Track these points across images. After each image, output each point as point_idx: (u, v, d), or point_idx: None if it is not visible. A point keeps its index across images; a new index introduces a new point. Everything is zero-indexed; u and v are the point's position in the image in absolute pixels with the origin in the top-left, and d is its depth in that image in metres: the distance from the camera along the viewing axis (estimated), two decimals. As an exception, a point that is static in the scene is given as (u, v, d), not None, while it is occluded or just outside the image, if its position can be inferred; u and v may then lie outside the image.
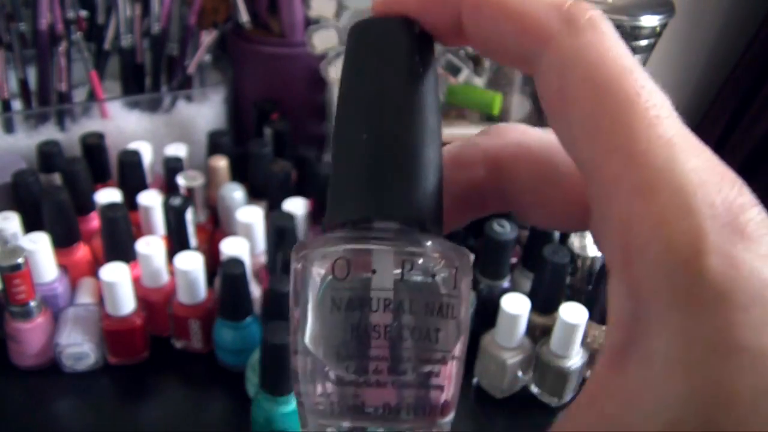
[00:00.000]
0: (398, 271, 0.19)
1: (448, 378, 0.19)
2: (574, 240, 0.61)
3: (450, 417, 0.20)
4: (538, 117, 0.74)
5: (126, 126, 0.69)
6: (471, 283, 0.20)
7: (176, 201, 0.58)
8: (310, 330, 0.19)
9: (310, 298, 0.19)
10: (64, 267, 0.58)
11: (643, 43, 0.61)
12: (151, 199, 0.61)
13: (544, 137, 0.19)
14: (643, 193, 0.15)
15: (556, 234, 0.61)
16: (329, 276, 0.19)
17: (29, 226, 0.57)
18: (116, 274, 0.53)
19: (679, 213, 0.14)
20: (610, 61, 0.16)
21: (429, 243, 0.19)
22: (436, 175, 0.20)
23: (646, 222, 0.15)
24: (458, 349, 0.20)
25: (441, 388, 0.19)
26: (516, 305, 0.53)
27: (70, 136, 0.66)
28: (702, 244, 0.14)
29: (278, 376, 0.48)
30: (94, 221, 0.63)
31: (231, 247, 0.56)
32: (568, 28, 0.16)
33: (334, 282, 0.19)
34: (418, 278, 0.19)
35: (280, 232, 0.56)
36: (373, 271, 0.19)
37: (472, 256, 0.20)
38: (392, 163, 0.19)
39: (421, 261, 0.19)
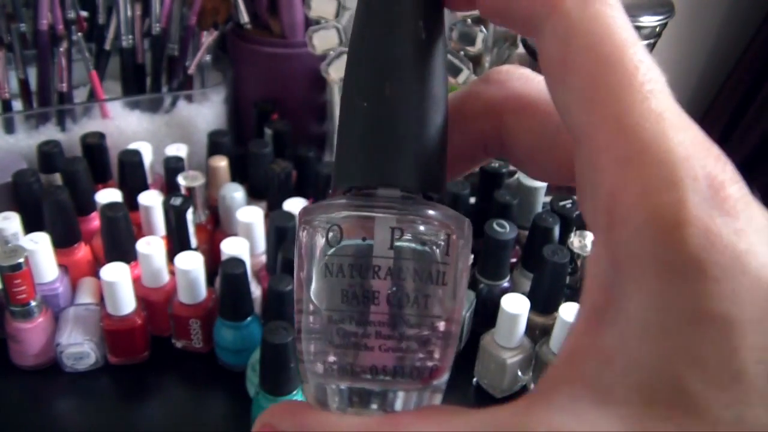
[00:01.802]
0: (398, 237, 0.19)
1: (439, 342, 0.20)
2: (574, 240, 0.61)
3: (443, 378, 0.21)
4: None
5: (126, 126, 0.69)
6: (469, 251, 0.21)
7: (177, 201, 0.58)
8: (314, 292, 0.20)
9: (314, 261, 0.20)
10: (64, 267, 0.58)
11: (643, 43, 0.61)
12: (151, 199, 0.61)
13: (545, 90, 0.19)
14: (631, 163, 0.15)
15: (556, 234, 0.61)
16: (331, 241, 0.19)
17: (30, 226, 0.57)
18: (117, 274, 0.53)
19: (663, 184, 0.15)
20: (614, 33, 0.16)
21: (429, 211, 0.20)
22: (440, 142, 0.20)
23: (631, 191, 0.15)
24: (450, 314, 0.20)
25: (431, 351, 0.20)
26: (516, 305, 0.53)
27: (70, 136, 0.66)
28: (682, 216, 0.15)
29: (278, 375, 0.48)
30: (95, 221, 0.63)
31: (231, 247, 0.56)
32: None
33: (335, 247, 0.19)
34: (416, 245, 0.19)
35: (280, 232, 0.56)
36: (374, 238, 0.19)
37: (469, 223, 0.21)
38: (393, 130, 0.19)
39: (421, 229, 0.19)
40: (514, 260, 0.64)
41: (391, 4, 0.20)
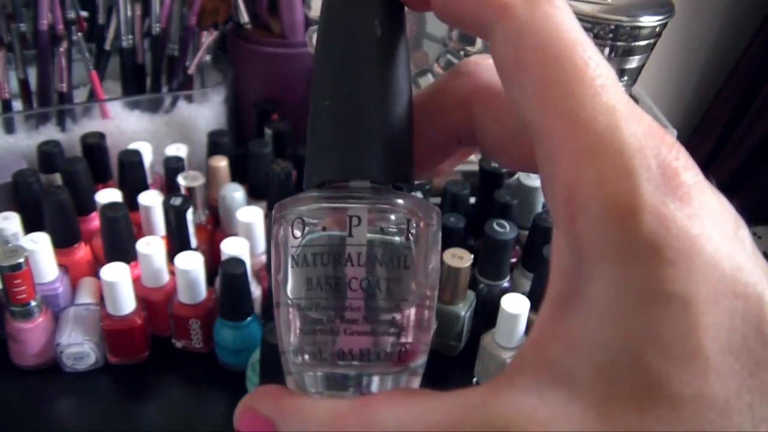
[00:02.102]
0: (361, 227, 0.20)
1: (409, 324, 0.21)
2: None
3: (419, 361, 0.21)
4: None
5: (126, 126, 0.69)
6: (439, 237, 0.21)
7: (177, 201, 0.58)
8: (290, 284, 0.21)
9: (288, 254, 0.21)
10: (64, 267, 0.58)
11: (643, 43, 0.62)
12: (151, 199, 0.61)
13: None
14: (586, 156, 0.16)
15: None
16: (297, 233, 0.20)
17: (30, 226, 0.57)
18: (117, 273, 0.53)
19: (617, 174, 0.16)
20: (563, 33, 0.17)
21: (399, 200, 0.20)
22: (405, 133, 0.21)
23: (588, 182, 0.16)
24: (420, 298, 0.21)
25: (400, 334, 0.21)
26: (516, 305, 0.53)
27: (70, 136, 0.66)
28: (637, 203, 0.15)
29: (278, 376, 0.48)
30: (95, 221, 0.63)
31: (231, 247, 0.56)
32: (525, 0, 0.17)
33: (303, 238, 0.20)
34: (386, 234, 0.20)
35: (280, 232, 0.56)
36: (343, 228, 0.20)
37: (438, 211, 0.21)
38: (357, 126, 0.20)
39: (390, 217, 0.20)
40: (514, 260, 0.64)
41: (348, 5, 0.20)
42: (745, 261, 0.16)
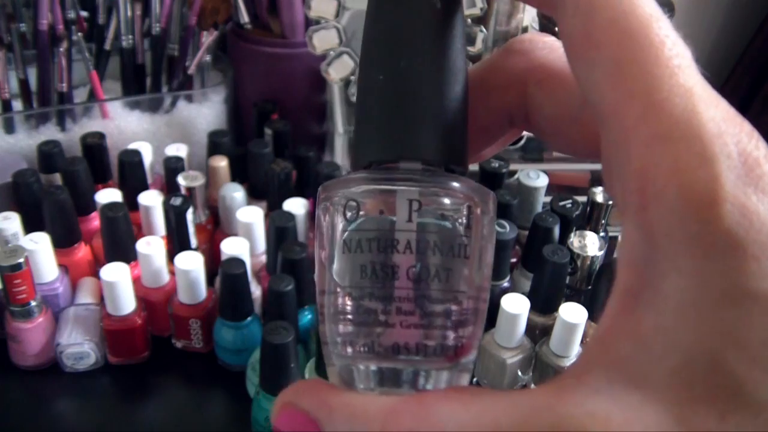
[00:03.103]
0: (418, 211, 0.19)
1: (465, 318, 0.19)
2: (574, 240, 0.61)
3: (471, 356, 0.20)
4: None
5: (126, 126, 0.69)
6: (493, 224, 0.20)
7: (176, 201, 0.58)
8: (335, 270, 0.19)
9: (334, 238, 0.19)
10: (64, 267, 0.58)
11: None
12: (151, 199, 0.61)
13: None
14: (662, 140, 0.15)
15: (556, 234, 0.61)
16: (349, 217, 0.19)
17: (30, 226, 0.57)
18: (117, 273, 0.53)
19: (696, 161, 0.15)
20: (638, 8, 0.16)
21: (452, 183, 0.19)
22: (460, 113, 0.20)
23: (664, 168, 0.15)
24: (475, 289, 0.20)
25: (456, 328, 0.19)
26: (516, 305, 0.53)
27: (70, 136, 0.66)
28: (717, 193, 0.14)
29: (278, 375, 0.48)
30: (95, 221, 0.63)
31: (231, 247, 0.56)
32: None
33: (354, 222, 0.19)
34: (438, 219, 0.19)
35: (280, 232, 0.56)
36: (395, 212, 0.19)
37: (494, 197, 0.20)
38: (411, 102, 0.19)
39: (443, 201, 0.19)
40: (514, 260, 0.64)
41: None
42: None
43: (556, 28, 0.18)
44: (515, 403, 0.16)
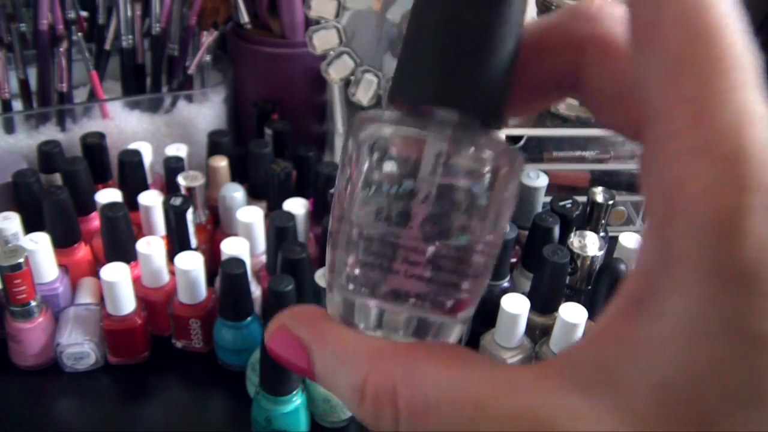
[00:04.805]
0: (445, 164, 0.18)
1: (470, 274, 0.19)
2: (574, 240, 0.61)
3: (469, 312, 0.20)
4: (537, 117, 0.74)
5: (126, 126, 0.69)
6: (517, 186, 0.20)
7: (176, 201, 0.58)
8: (358, 207, 0.19)
9: (358, 173, 0.19)
10: (64, 267, 0.58)
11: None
12: (151, 199, 0.61)
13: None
14: (701, 155, 0.14)
15: (556, 234, 0.61)
16: (379, 155, 0.19)
17: (30, 226, 0.57)
18: (117, 273, 0.53)
19: (730, 185, 0.14)
20: (712, 9, 0.15)
21: (483, 140, 0.19)
22: (508, 70, 0.19)
23: (697, 185, 0.14)
24: (487, 246, 0.19)
25: (460, 283, 0.19)
26: (516, 305, 0.53)
27: (70, 136, 0.66)
28: (744, 224, 0.14)
29: (278, 376, 0.48)
30: (95, 221, 0.63)
31: (231, 247, 0.56)
32: None
33: (379, 162, 0.19)
34: (463, 175, 0.19)
35: (280, 232, 0.56)
36: (422, 160, 0.18)
37: (522, 160, 0.20)
38: (461, 48, 0.18)
39: (470, 158, 0.19)
40: (514, 260, 0.64)
41: None
42: None
43: (553, 6, 0.17)
44: (497, 378, 0.16)
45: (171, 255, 0.57)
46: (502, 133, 0.20)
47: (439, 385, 0.17)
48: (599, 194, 0.64)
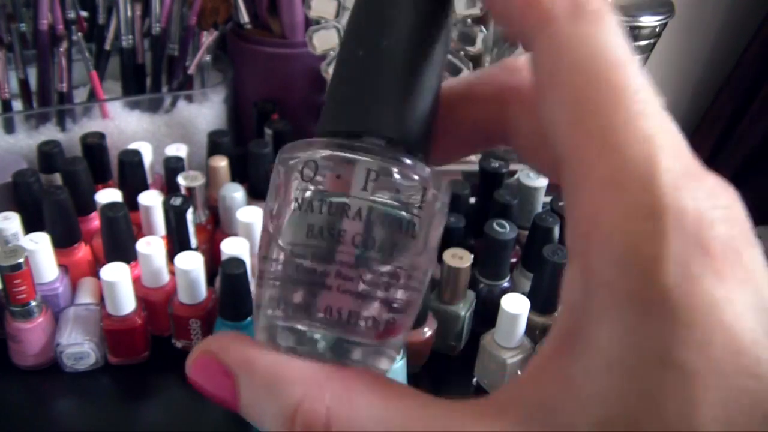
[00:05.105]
0: (375, 182, 0.19)
1: (400, 295, 0.20)
2: (574, 240, 0.61)
3: (399, 339, 0.20)
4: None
5: (126, 126, 0.69)
6: (445, 209, 0.21)
7: (176, 201, 0.58)
8: (287, 230, 0.20)
9: (287, 198, 0.20)
10: (64, 267, 0.58)
11: (643, 43, 0.62)
12: (151, 199, 0.61)
13: None
14: (614, 186, 0.15)
15: (556, 234, 0.61)
16: (305, 177, 0.20)
17: (30, 226, 0.57)
18: (117, 273, 0.53)
19: (645, 213, 0.14)
20: (605, 52, 0.16)
21: (409, 162, 0.19)
22: (431, 101, 0.20)
23: (611, 215, 0.14)
24: (415, 269, 0.20)
25: (390, 302, 0.20)
26: (516, 305, 0.53)
27: (70, 136, 0.66)
28: (662, 250, 0.14)
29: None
30: (95, 221, 0.63)
31: (231, 247, 0.56)
32: (572, 13, 0.16)
33: (309, 183, 0.19)
34: (391, 194, 0.19)
35: (280, 232, 0.56)
36: (350, 181, 0.19)
37: (448, 185, 0.20)
38: (385, 81, 0.20)
39: (398, 178, 0.19)
40: (514, 260, 0.64)
41: None
42: None
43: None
44: (432, 415, 0.16)
45: (171, 255, 0.57)
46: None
47: (374, 418, 0.16)
48: (599, 194, 0.64)
